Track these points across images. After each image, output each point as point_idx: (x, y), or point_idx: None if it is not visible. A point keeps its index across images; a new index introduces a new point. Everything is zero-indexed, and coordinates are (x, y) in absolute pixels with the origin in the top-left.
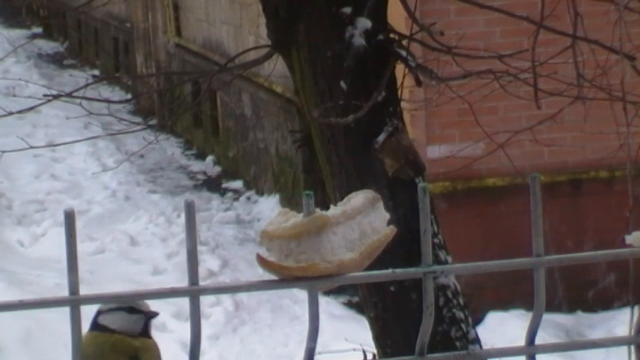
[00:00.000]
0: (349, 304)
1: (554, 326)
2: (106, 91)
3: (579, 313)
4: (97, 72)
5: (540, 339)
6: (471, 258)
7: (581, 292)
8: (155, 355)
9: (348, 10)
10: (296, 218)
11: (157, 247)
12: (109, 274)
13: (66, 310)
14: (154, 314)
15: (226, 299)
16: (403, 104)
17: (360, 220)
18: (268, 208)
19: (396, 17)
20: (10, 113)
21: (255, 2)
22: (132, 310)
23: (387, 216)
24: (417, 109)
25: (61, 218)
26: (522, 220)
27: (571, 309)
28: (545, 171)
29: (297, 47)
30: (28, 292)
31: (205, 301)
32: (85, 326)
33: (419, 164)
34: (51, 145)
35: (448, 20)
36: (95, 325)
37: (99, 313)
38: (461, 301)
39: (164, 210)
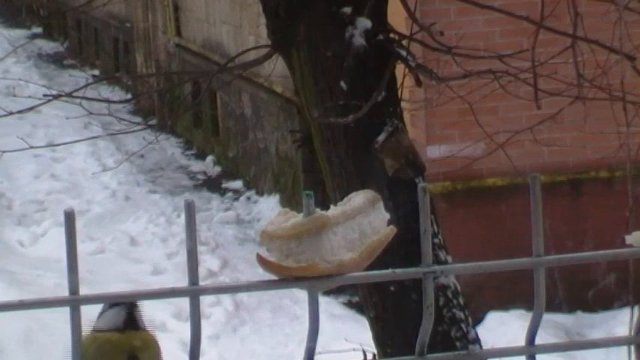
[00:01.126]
0: (349, 304)
1: (554, 326)
2: (106, 91)
3: (579, 313)
4: (97, 72)
5: (540, 339)
6: (471, 258)
7: (581, 292)
8: (154, 352)
9: (348, 10)
10: (296, 218)
11: (157, 247)
12: (109, 274)
13: (66, 310)
14: (132, 304)
15: (226, 299)
16: (403, 104)
17: (360, 220)
18: (268, 208)
19: (396, 17)
20: (10, 113)
21: (255, 2)
22: (112, 304)
23: (387, 216)
24: (417, 109)
25: (61, 218)
26: (522, 220)
27: (571, 309)
28: (545, 171)
29: (297, 47)
30: (28, 292)
31: (205, 301)
32: (85, 326)
33: (419, 164)
34: (51, 145)
35: (448, 20)
36: (93, 329)
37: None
38: (461, 301)
39: (164, 210)
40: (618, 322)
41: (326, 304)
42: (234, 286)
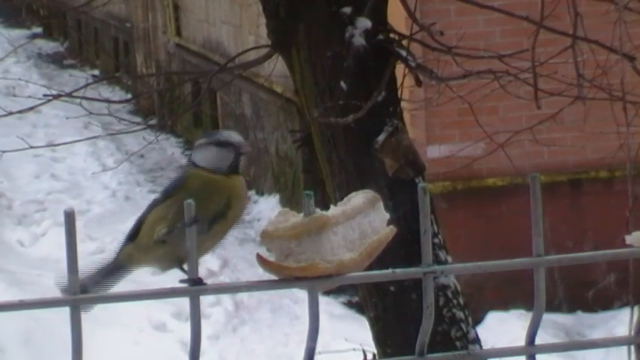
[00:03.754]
0: (349, 304)
1: (554, 326)
2: (106, 91)
3: (579, 313)
4: (97, 72)
5: (540, 339)
6: (471, 258)
7: (581, 292)
8: (242, 199)
9: (348, 10)
10: (296, 218)
11: None
12: None
13: (66, 310)
14: (245, 150)
15: (226, 299)
16: (403, 104)
17: (360, 220)
18: (268, 208)
19: (396, 17)
20: (10, 113)
21: (255, 2)
22: (220, 143)
23: (387, 216)
24: (417, 109)
25: (61, 218)
26: (522, 220)
27: (571, 309)
28: (545, 171)
29: (297, 47)
30: (28, 292)
31: (205, 301)
32: (85, 326)
33: (419, 164)
34: (51, 145)
35: (448, 20)
36: (192, 163)
37: (192, 149)
38: (461, 301)
39: None
40: (618, 322)
41: (326, 304)
42: (234, 286)
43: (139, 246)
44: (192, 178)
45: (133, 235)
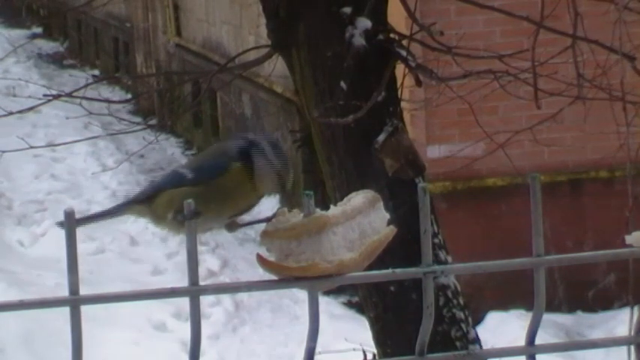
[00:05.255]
0: (349, 304)
1: (554, 326)
2: (106, 91)
3: (579, 313)
4: (97, 72)
5: (540, 339)
6: (471, 258)
7: (581, 292)
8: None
9: (348, 10)
10: (296, 218)
11: (156, 247)
12: (109, 274)
13: (66, 310)
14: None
15: (226, 299)
16: (403, 104)
17: (360, 220)
18: (268, 208)
19: (396, 17)
20: (10, 113)
21: (255, 2)
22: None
23: (387, 216)
24: (417, 109)
25: (61, 218)
26: (522, 220)
27: (571, 309)
28: (545, 171)
29: (297, 47)
30: (28, 292)
31: (205, 301)
32: (85, 326)
33: (419, 164)
34: (51, 145)
35: (448, 20)
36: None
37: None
38: (461, 301)
39: None
40: (618, 322)
41: (326, 304)
42: (234, 286)
43: (154, 212)
44: (236, 172)
45: (148, 198)
